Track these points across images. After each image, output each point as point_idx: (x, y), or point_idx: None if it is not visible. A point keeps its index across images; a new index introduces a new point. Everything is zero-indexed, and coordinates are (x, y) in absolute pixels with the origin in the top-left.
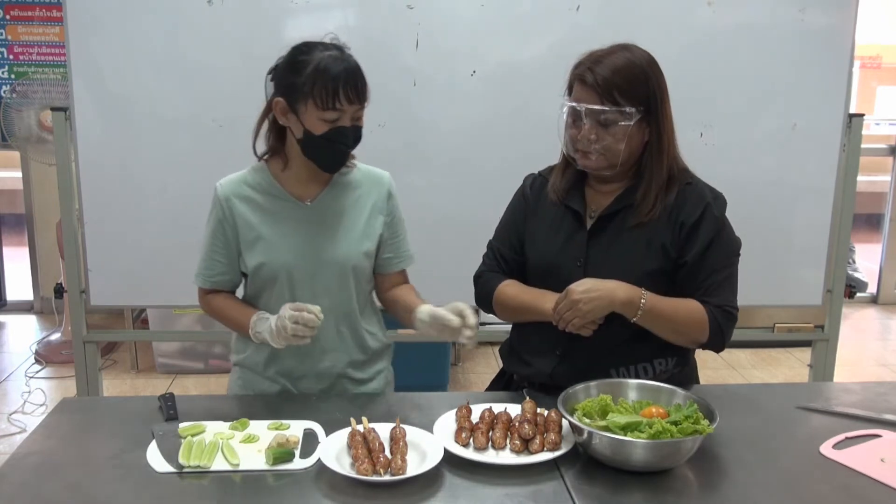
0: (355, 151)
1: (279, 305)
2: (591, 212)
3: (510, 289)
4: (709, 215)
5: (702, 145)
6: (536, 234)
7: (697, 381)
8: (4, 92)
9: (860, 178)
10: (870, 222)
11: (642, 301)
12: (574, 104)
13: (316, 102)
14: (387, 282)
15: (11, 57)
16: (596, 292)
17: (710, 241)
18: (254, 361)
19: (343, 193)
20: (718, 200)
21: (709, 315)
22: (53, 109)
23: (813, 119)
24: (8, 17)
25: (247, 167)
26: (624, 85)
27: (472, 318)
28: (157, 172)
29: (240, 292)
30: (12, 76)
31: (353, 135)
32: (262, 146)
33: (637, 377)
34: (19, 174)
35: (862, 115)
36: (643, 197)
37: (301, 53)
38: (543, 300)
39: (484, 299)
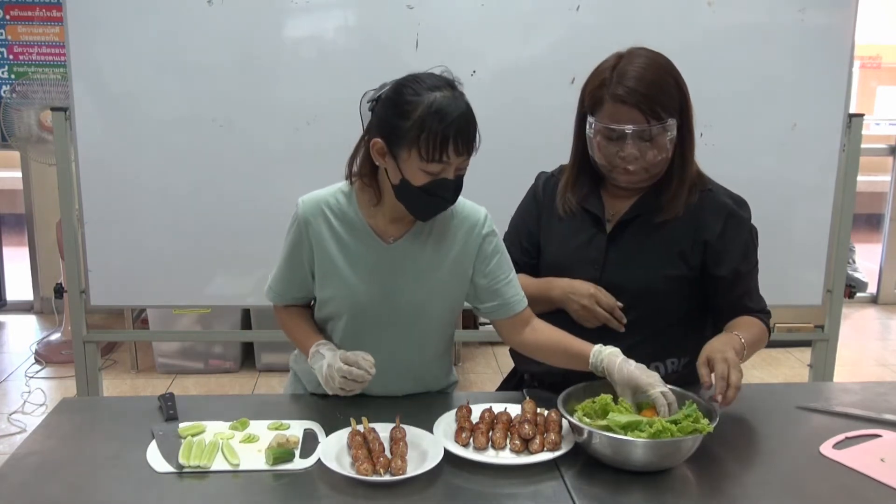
0: None
1: (344, 338)
2: (608, 215)
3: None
4: (732, 225)
5: (702, 145)
6: (552, 235)
7: None
8: (4, 92)
9: (860, 178)
10: (870, 222)
11: (745, 352)
12: (619, 126)
13: (420, 153)
14: (510, 327)
15: (11, 57)
16: (736, 360)
17: (741, 253)
18: (308, 379)
19: (430, 235)
20: (744, 207)
21: (764, 324)
22: (53, 109)
23: (813, 119)
24: (8, 17)
25: (256, 169)
26: (662, 97)
27: (669, 397)
28: (157, 172)
29: None
30: (12, 76)
31: (455, 186)
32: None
33: None
34: (19, 174)
35: (862, 115)
36: (673, 198)
37: (409, 93)
38: (550, 288)
39: None
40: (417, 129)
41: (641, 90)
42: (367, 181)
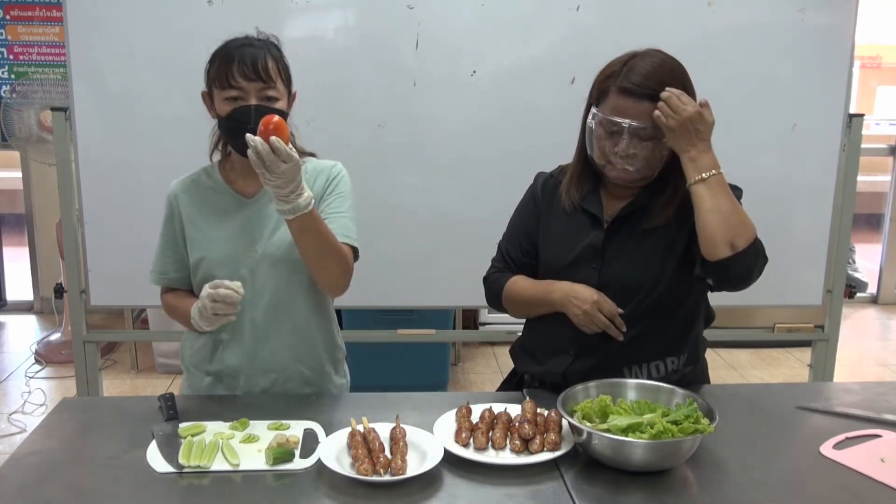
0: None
1: None
2: (606, 215)
3: (518, 284)
4: None
5: None
6: (550, 235)
7: (708, 381)
8: (4, 92)
9: (860, 178)
10: (870, 222)
11: (707, 174)
12: (618, 119)
13: (214, 83)
14: None
15: (11, 57)
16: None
17: None
18: (197, 360)
19: None
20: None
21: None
22: (53, 109)
23: (813, 119)
24: (8, 17)
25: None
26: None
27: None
28: (157, 172)
29: None
30: (12, 76)
31: (258, 113)
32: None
33: (649, 375)
34: (19, 174)
35: (862, 115)
36: (665, 205)
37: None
38: (551, 290)
39: (494, 298)
40: (212, 63)
41: (649, 84)
42: (220, 148)
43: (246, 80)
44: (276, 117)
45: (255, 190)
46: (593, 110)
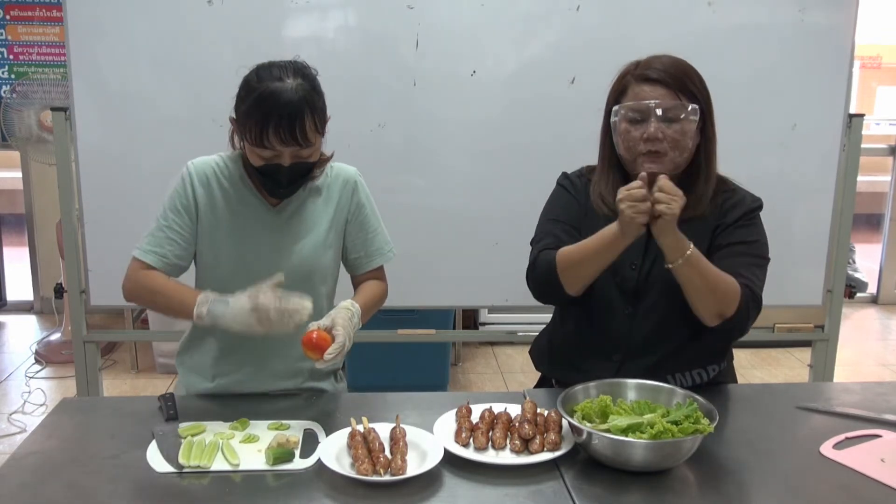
0: (339, 153)
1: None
2: None
3: (570, 247)
4: (745, 216)
5: None
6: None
7: (735, 380)
8: (4, 92)
9: (860, 178)
10: (870, 222)
11: (689, 251)
12: (643, 102)
13: (247, 137)
14: (357, 280)
15: (11, 57)
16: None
17: (736, 224)
18: (199, 365)
19: (310, 197)
20: (756, 202)
21: (742, 290)
22: (53, 109)
23: (813, 119)
24: (8, 17)
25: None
26: (688, 80)
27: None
28: (157, 172)
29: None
30: (12, 76)
31: (291, 174)
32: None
33: (693, 382)
34: (19, 174)
35: (862, 115)
36: (700, 198)
37: (254, 80)
38: (608, 230)
39: (548, 272)
40: (245, 114)
41: (669, 70)
42: (240, 147)
43: (283, 145)
44: (308, 343)
45: (279, 199)
46: (615, 108)
